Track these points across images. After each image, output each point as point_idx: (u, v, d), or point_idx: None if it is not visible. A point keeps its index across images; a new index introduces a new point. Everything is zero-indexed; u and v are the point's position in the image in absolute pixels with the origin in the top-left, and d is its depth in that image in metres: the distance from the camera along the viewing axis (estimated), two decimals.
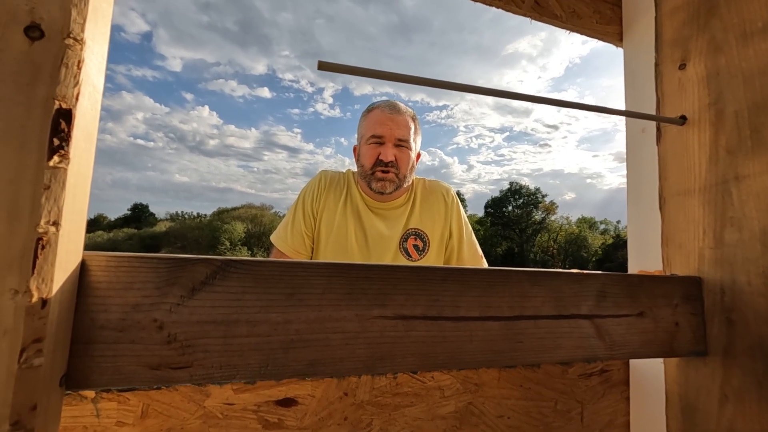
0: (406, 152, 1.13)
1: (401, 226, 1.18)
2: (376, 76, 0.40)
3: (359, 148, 1.19)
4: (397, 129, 1.12)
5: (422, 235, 1.20)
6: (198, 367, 0.31)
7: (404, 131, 1.13)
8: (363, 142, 1.15)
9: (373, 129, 1.12)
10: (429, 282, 0.39)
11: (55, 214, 0.25)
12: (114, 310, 0.30)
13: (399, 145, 1.12)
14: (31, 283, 0.24)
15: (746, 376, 0.46)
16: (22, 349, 0.24)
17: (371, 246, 1.15)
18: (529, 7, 0.65)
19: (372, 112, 1.16)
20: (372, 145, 1.12)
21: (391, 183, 1.12)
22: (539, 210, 51.44)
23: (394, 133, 1.11)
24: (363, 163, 1.14)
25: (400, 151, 1.13)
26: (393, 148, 1.12)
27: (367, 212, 1.18)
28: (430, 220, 1.21)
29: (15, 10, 0.25)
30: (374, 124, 1.13)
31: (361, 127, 1.19)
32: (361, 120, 1.20)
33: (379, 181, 1.12)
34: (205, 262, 0.32)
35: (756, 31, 0.47)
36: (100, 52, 0.30)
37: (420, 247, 1.19)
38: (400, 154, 1.12)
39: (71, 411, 0.40)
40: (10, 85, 0.24)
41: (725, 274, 0.49)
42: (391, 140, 1.11)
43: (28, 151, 0.24)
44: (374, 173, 1.12)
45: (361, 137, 1.18)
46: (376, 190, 1.13)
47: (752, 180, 0.47)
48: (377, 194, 1.14)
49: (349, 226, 1.15)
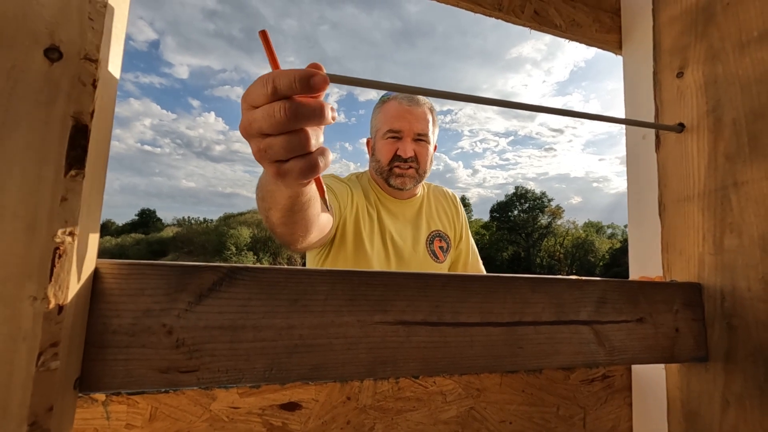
0: (425, 146, 1.05)
1: (425, 228, 1.13)
2: (373, 86, 0.41)
3: (374, 143, 1.09)
4: (416, 122, 1.02)
5: (444, 236, 1.17)
6: (205, 370, 0.32)
7: (423, 125, 1.04)
8: (379, 136, 1.06)
9: (390, 123, 1.03)
10: (430, 288, 0.40)
11: (72, 224, 0.27)
12: (126, 316, 0.31)
13: (418, 140, 1.04)
14: (48, 290, 0.25)
15: (747, 381, 0.46)
16: (39, 353, 0.25)
17: (399, 250, 1.08)
18: (529, 17, 0.66)
19: (388, 103, 1.06)
20: (389, 140, 1.04)
21: (411, 179, 1.05)
22: (545, 214, 51.16)
23: (413, 127, 1.02)
24: (379, 158, 1.06)
25: (420, 145, 1.04)
26: (412, 143, 1.03)
27: (389, 216, 1.10)
28: (447, 222, 1.20)
29: (36, 33, 0.27)
30: (391, 118, 1.03)
31: (376, 120, 1.08)
32: (376, 111, 1.10)
33: (398, 177, 1.04)
34: (212, 269, 0.34)
35: (752, 40, 0.48)
36: (114, 70, 0.31)
37: (444, 249, 1.15)
38: (420, 149, 1.04)
39: (82, 413, 0.42)
40: (31, 103, 0.26)
41: (725, 280, 0.49)
42: (410, 135, 1.03)
43: (46, 165, 0.26)
44: (392, 169, 1.04)
45: (376, 131, 1.08)
46: (396, 187, 1.06)
47: (751, 186, 0.47)
48: (396, 191, 1.08)
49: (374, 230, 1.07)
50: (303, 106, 0.33)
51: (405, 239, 1.09)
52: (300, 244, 0.69)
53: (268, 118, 0.33)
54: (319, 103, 0.34)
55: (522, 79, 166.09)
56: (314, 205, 0.58)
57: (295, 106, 0.32)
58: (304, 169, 0.34)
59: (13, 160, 0.25)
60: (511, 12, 0.65)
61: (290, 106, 0.32)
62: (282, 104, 0.32)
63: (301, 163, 0.34)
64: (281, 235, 0.65)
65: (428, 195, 1.21)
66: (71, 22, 0.27)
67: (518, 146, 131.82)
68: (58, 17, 0.27)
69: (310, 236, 0.69)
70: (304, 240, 0.68)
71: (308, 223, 0.62)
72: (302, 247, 0.72)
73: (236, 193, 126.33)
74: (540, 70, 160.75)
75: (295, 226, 0.61)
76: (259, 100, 0.34)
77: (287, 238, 0.65)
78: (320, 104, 0.33)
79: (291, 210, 0.55)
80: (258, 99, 0.33)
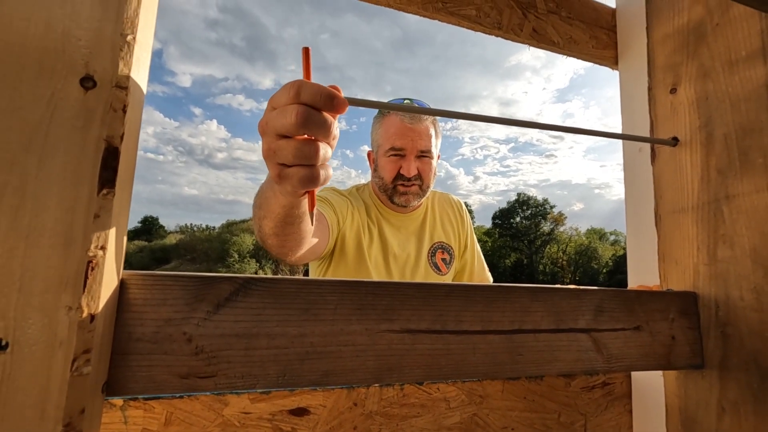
0: (428, 162, 1.04)
1: (427, 240, 1.13)
2: (386, 107, 0.44)
3: (376, 158, 1.08)
4: (419, 140, 1.01)
5: (448, 248, 1.16)
6: (222, 376, 0.34)
7: (426, 141, 1.02)
8: (381, 153, 1.05)
9: (392, 141, 1.02)
10: (434, 298, 0.42)
11: (103, 239, 0.29)
12: (149, 324, 0.33)
13: (421, 157, 1.03)
14: (82, 301, 0.28)
15: (742, 389, 0.47)
16: (74, 359, 0.27)
17: (401, 265, 1.08)
18: (527, 35, 0.68)
19: (388, 119, 1.04)
20: (392, 158, 1.02)
21: (414, 196, 1.05)
22: (548, 221, 51.06)
23: (416, 144, 1.01)
24: (382, 176, 1.05)
25: (423, 162, 1.03)
26: (415, 160, 1.02)
27: (391, 230, 1.10)
28: (451, 232, 1.19)
29: (73, 64, 0.29)
30: (393, 135, 1.02)
31: (378, 135, 1.06)
32: (377, 125, 1.08)
33: (402, 195, 1.04)
34: (229, 280, 0.36)
35: (741, 59, 0.50)
36: (140, 95, 0.34)
37: (447, 260, 1.15)
38: (423, 166, 1.03)
39: (102, 417, 0.44)
40: (69, 128, 0.28)
41: (719, 290, 0.51)
42: (413, 152, 1.01)
43: (81, 185, 0.28)
44: (395, 187, 1.04)
45: (378, 147, 1.06)
46: (400, 204, 1.06)
47: (742, 199, 0.49)
48: (399, 207, 1.08)
49: (374, 244, 1.07)
50: (315, 114, 0.35)
51: (407, 252, 1.09)
52: (291, 257, 0.71)
53: (281, 118, 0.35)
54: (329, 118, 0.36)
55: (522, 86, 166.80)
56: (307, 221, 0.59)
57: (308, 113, 0.34)
58: (304, 178, 0.36)
59: (52, 181, 0.28)
60: (511, 30, 0.67)
61: (303, 111, 0.34)
62: (297, 107, 0.34)
63: (303, 171, 0.36)
64: (272, 246, 0.65)
65: (433, 205, 1.20)
66: (104, 54, 0.30)
67: (519, 153, 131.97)
68: (93, 49, 0.30)
69: (301, 251, 0.71)
70: (295, 254, 0.70)
71: (300, 237, 0.63)
72: (293, 260, 0.73)
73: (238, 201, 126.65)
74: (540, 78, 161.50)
75: (287, 238, 0.61)
76: (280, 102, 0.36)
77: (278, 249, 0.66)
78: (330, 119, 0.36)
79: (284, 221, 0.56)
80: (280, 100, 0.36)
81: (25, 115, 0.28)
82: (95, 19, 0.30)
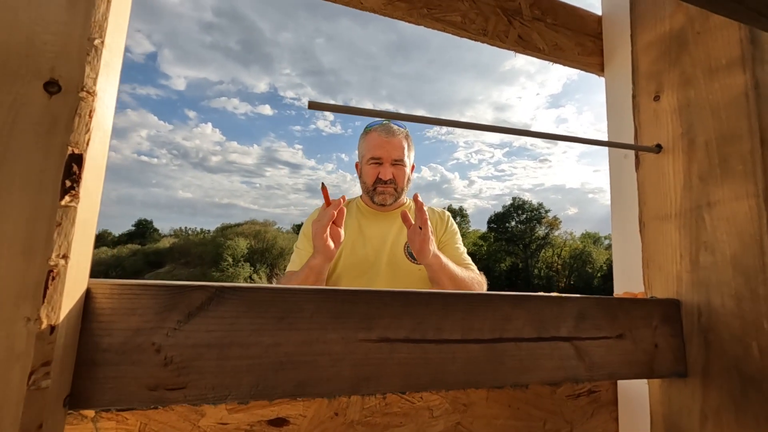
0: (401, 169, 1.31)
1: (404, 235, 1.29)
2: (362, 113, 0.43)
3: (361, 167, 1.36)
4: (393, 150, 1.28)
5: None
6: (192, 388, 0.33)
7: (399, 152, 1.29)
8: (364, 162, 1.32)
9: (371, 151, 1.28)
10: (413, 306, 0.42)
11: (65, 248, 0.28)
12: (116, 335, 0.32)
13: (395, 164, 1.29)
14: (41, 311, 0.27)
15: (723, 396, 0.47)
16: (31, 372, 0.26)
17: (378, 250, 1.28)
18: (513, 42, 0.69)
19: (369, 134, 1.32)
20: (372, 166, 1.29)
21: (390, 195, 1.31)
22: (542, 225, 51.28)
23: (390, 154, 1.27)
24: (365, 181, 1.32)
25: (397, 168, 1.30)
26: (390, 167, 1.29)
27: (369, 219, 1.34)
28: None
29: (38, 68, 0.28)
30: (372, 147, 1.29)
31: (361, 148, 1.35)
32: (361, 140, 1.36)
33: (380, 194, 1.30)
34: (201, 288, 0.35)
35: (721, 67, 0.51)
36: (110, 100, 0.33)
37: None
38: (397, 172, 1.30)
39: (72, 430, 0.42)
40: (31, 134, 0.28)
41: (701, 297, 0.51)
42: (388, 161, 1.28)
43: (43, 193, 0.28)
44: (375, 189, 1.30)
45: (362, 157, 1.35)
46: (378, 203, 1.32)
47: (722, 206, 0.49)
48: (379, 206, 1.34)
49: (355, 233, 1.30)
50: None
51: (384, 242, 1.29)
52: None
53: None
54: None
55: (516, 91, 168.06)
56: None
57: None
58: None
59: (12, 188, 0.27)
60: (496, 37, 0.67)
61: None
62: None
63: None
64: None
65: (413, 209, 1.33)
66: (71, 58, 0.29)
67: (513, 157, 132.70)
68: (59, 53, 0.29)
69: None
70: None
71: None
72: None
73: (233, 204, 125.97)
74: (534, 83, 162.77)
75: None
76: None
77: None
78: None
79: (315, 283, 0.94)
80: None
81: None
82: (62, 22, 0.29)
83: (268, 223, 51.39)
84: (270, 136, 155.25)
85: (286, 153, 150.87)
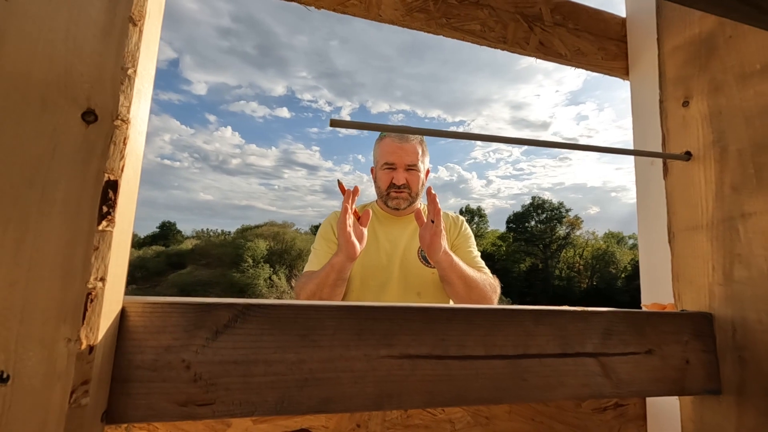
0: (415, 174, 1.31)
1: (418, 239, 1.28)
2: (383, 129, 0.43)
3: (375, 172, 1.38)
4: (406, 156, 1.29)
5: None
6: (220, 404, 0.34)
7: (413, 157, 1.30)
8: (378, 167, 1.34)
9: (385, 157, 1.30)
10: (435, 322, 0.41)
11: (102, 270, 0.29)
12: (148, 352, 0.33)
13: (409, 169, 1.30)
14: (81, 332, 0.28)
15: (761, 416, 0.45)
16: (72, 391, 0.27)
17: (391, 253, 1.29)
18: (534, 48, 0.68)
19: (384, 140, 1.33)
20: (386, 171, 1.31)
21: (404, 200, 1.32)
22: (563, 225, 50.17)
23: (404, 160, 1.29)
24: (379, 185, 1.34)
25: (410, 174, 1.31)
26: (404, 172, 1.30)
27: (384, 224, 1.35)
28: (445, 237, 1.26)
29: (75, 98, 0.30)
30: (386, 153, 1.30)
31: (376, 153, 1.37)
32: (375, 146, 1.38)
33: (394, 199, 1.32)
34: (227, 306, 0.36)
35: (755, 72, 0.49)
36: (142, 126, 0.34)
37: None
38: (411, 177, 1.31)
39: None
40: (70, 162, 0.29)
41: (736, 311, 0.49)
42: (402, 166, 1.29)
43: (81, 218, 0.29)
44: (389, 194, 1.31)
45: (376, 162, 1.37)
46: (392, 207, 1.33)
47: (758, 218, 0.47)
48: (393, 210, 1.35)
49: (369, 237, 1.28)
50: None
51: (397, 246, 1.31)
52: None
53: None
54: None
55: (533, 89, 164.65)
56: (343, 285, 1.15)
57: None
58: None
59: (53, 215, 0.28)
60: (516, 44, 0.67)
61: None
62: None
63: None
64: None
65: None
66: (105, 88, 0.31)
67: (532, 156, 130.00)
68: (95, 83, 0.30)
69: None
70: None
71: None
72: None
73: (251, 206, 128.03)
74: (551, 80, 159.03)
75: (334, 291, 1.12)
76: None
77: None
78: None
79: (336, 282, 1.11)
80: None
81: (28, 150, 0.28)
82: (96, 53, 0.31)
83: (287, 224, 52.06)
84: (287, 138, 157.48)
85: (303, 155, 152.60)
